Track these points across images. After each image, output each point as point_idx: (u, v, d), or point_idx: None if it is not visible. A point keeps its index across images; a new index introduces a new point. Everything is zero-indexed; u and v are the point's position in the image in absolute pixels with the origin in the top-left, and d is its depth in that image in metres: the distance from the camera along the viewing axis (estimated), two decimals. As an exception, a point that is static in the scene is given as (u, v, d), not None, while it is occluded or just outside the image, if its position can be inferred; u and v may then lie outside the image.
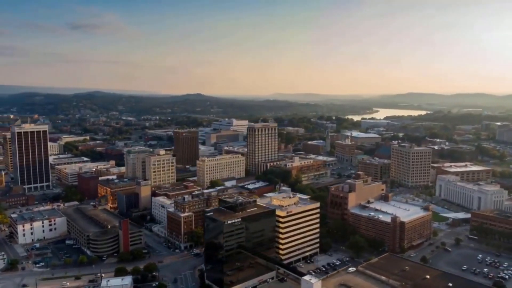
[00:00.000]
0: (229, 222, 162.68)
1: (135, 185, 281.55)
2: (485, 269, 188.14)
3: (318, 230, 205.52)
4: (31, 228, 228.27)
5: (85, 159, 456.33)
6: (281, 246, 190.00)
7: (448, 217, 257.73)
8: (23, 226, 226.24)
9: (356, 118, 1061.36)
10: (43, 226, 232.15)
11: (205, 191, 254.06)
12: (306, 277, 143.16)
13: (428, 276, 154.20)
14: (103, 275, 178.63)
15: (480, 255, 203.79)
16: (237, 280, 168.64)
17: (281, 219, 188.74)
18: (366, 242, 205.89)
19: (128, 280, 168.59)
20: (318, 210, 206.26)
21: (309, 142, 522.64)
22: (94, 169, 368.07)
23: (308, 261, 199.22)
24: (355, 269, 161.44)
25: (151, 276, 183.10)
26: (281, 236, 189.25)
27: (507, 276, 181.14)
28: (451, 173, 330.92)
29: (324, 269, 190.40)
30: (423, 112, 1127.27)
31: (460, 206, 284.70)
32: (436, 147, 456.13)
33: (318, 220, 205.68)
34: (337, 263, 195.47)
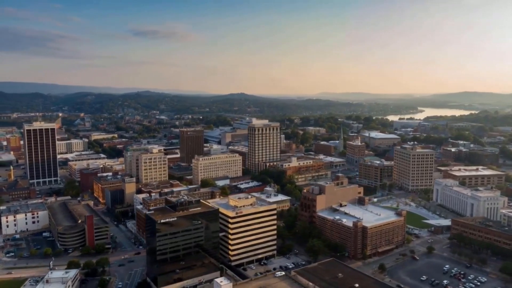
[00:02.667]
0: (162, 221, 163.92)
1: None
2: (445, 281, 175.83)
3: (275, 232, 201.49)
4: (15, 220, 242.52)
5: (102, 155, 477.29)
6: (230, 247, 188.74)
7: (432, 224, 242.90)
8: (7, 218, 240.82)
9: (395, 118, 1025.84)
10: (26, 219, 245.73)
11: (175, 189, 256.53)
12: (218, 280, 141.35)
13: (357, 285, 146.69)
14: (58, 267, 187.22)
15: (447, 265, 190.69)
16: (176, 279, 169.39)
17: (230, 220, 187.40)
18: (324, 246, 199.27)
19: (72, 273, 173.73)
20: (275, 212, 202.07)
21: (322, 143, 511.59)
22: (101, 166, 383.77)
23: (262, 263, 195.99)
24: (283, 273, 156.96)
25: (102, 270, 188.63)
26: (230, 236, 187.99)
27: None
28: (456, 177, 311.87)
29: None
30: (467, 112, 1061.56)
31: (454, 213, 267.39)
32: (453, 149, 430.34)
33: (275, 222, 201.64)
34: (290, 266, 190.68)
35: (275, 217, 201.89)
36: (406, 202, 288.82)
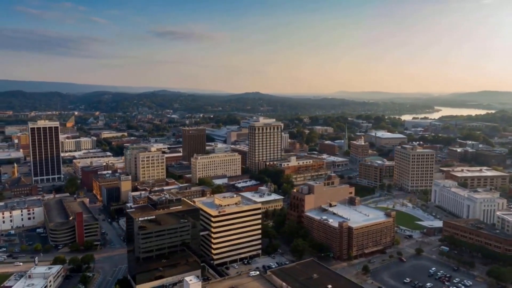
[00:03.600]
0: (140, 219, 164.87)
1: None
2: (429, 284, 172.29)
3: (259, 231, 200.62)
4: (10, 216, 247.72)
5: (109, 154, 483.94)
6: (212, 246, 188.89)
7: (424, 225, 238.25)
8: (3, 214, 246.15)
9: (409, 117, 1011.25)
10: (21, 215, 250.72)
11: (166, 187, 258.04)
12: (187, 278, 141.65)
13: (330, 286, 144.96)
14: (47, 263, 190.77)
15: (434, 268, 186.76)
16: (156, 277, 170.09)
17: (212, 219, 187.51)
18: (309, 246, 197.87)
19: (55, 269, 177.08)
20: (259, 211, 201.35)
21: (326, 142, 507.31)
22: (104, 164, 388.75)
23: (245, 262, 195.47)
24: (258, 273, 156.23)
25: (86, 267, 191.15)
26: (212, 235, 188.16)
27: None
28: (457, 178, 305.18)
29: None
30: (484, 112, 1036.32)
31: (451, 214, 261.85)
32: (459, 150, 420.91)
33: (259, 221, 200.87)
34: (274, 266, 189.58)
35: (259, 216, 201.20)
36: (403, 202, 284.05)
